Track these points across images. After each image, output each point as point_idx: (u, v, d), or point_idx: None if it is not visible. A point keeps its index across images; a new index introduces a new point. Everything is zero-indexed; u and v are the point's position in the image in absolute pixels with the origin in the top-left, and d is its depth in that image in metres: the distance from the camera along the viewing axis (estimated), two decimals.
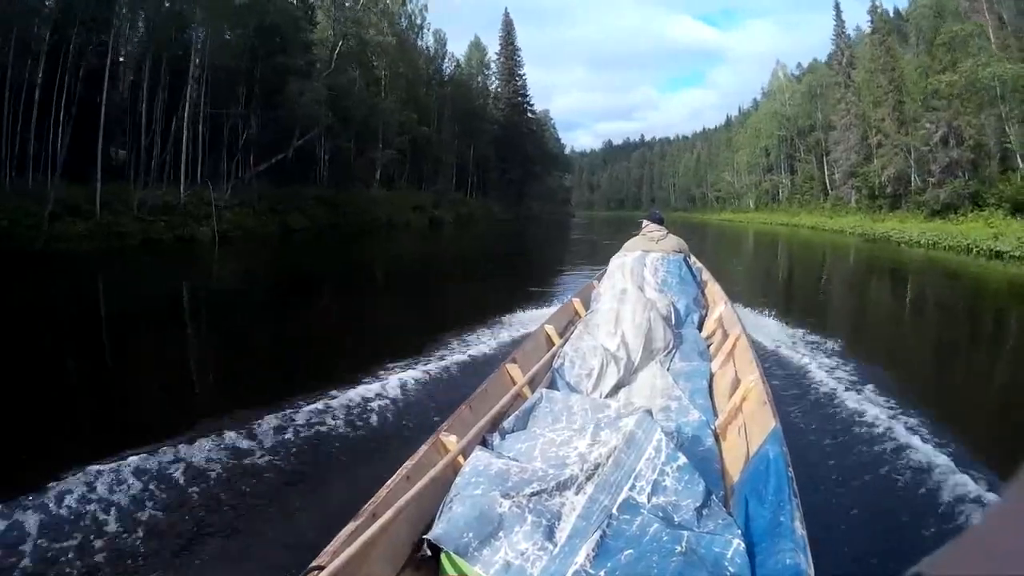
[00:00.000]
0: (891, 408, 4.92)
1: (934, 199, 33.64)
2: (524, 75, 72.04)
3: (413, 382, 5.45)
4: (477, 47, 68.42)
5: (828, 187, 56.30)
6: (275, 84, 34.03)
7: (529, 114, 74.50)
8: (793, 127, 63.05)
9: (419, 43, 56.68)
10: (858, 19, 59.75)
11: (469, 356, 6.38)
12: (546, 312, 6.89)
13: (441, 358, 6.30)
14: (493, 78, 70.71)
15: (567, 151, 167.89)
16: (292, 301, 12.05)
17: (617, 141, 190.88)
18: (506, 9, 71.07)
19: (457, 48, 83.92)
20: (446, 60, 60.41)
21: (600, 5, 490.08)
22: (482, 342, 7.04)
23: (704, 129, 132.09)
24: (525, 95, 72.61)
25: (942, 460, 3.85)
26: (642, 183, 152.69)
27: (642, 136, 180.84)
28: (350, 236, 32.01)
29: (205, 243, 25.82)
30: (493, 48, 70.91)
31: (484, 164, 63.80)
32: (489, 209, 60.50)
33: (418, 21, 54.69)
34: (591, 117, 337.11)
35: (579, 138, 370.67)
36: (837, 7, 53.11)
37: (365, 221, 38.87)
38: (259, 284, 15.04)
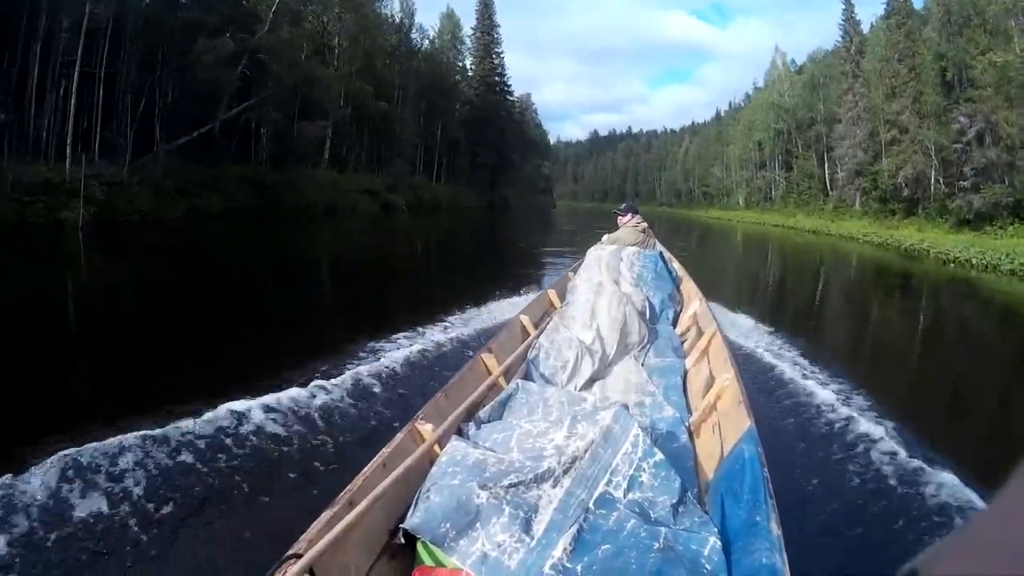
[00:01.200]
0: (871, 413, 4.88)
1: (965, 206, 28.62)
2: (502, 53, 66.14)
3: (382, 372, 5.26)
4: (450, 18, 61.98)
5: (828, 187, 51.27)
6: (187, 44, 28.25)
7: (507, 96, 68.70)
8: (791, 119, 57.43)
9: (383, 11, 50.90)
10: (862, 13, 54.96)
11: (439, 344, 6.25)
12: (520, 302, 7.05)
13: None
14: (467, 55, 64.69)
15: (554, 141, 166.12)
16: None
17: (604, 132, 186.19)
18: None
19: (430, 22, 77.23)
20: (414, 31, 54.23)
21: None
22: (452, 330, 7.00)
23: (693, 123, 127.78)
24: (503, 75, 66.71)
25: (920, 464, 3.82)
26: (627, 176, 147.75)
27: (629, 128, 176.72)
28: (276, 223, 27.68)
29: (85, 228, 20.86)
30: (470, 23, 65.11)
31: (454, 147, 57.90)
32: (457, 196, 54.66)
33: None
34: (579, 108, 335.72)
35: (567, 129, 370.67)
36: None
37: (301, 206, 33.48)
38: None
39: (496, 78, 65.62)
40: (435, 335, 6.73)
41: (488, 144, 61.00)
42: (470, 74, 64.13)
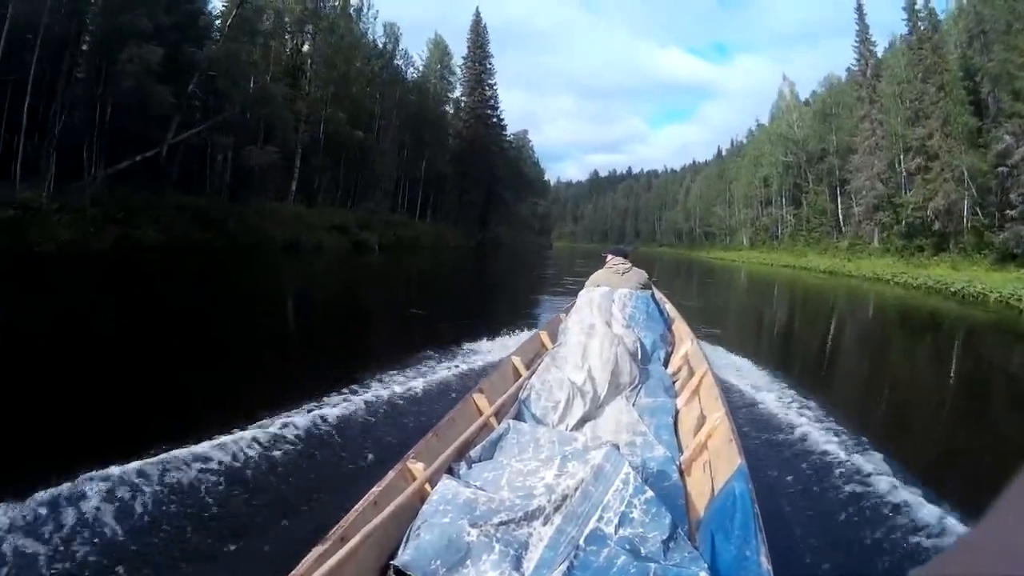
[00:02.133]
0: (860, 449, 4.77)
1: (1013, 239, 24.71)
2: (495, 85, 62.74)
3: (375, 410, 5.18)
4: (437, 46, 58.62)
5: (842, 223, 47.50)
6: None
7: (499, 130, 65.38)
8: (801, 152, 53.73)
9: (366, 35, 47.70)
10: (876, 36, 50.77)
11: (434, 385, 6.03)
12: (512, 343, 6.94)
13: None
14: (457, 85, 61.32)
15: (554, 182, 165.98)
16: None
17: (604, 173, 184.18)
18: (477, 8, 61.45)
19: (418, 49, 73.89)
20: (398, 58, 50.86)
21: (591, 34, 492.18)
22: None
23: (694, 162, 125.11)
24: (496, 108, 63.27)
25: (910, 498, 3.75)
26: (627, 216, 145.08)
27: (629, 168, 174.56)
28: (222, 258, 24.04)
29: None
30: (461, 52, 61.69)
31: (440, 182, 54.26)
32: (441, 234, 50.79)
33: (354, 1, 45.20)
34: (580, 148, 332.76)
35: (567, 169, 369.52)
36: (859, 8, 44.57)
37: (255, 241, 29.59)
38: None
39: (488, 111, 62.31)
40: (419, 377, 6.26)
41: (478, 180, 56.98)
42: (461, 105, 60.82)
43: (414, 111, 50.05)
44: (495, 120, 63.74)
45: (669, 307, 7.22)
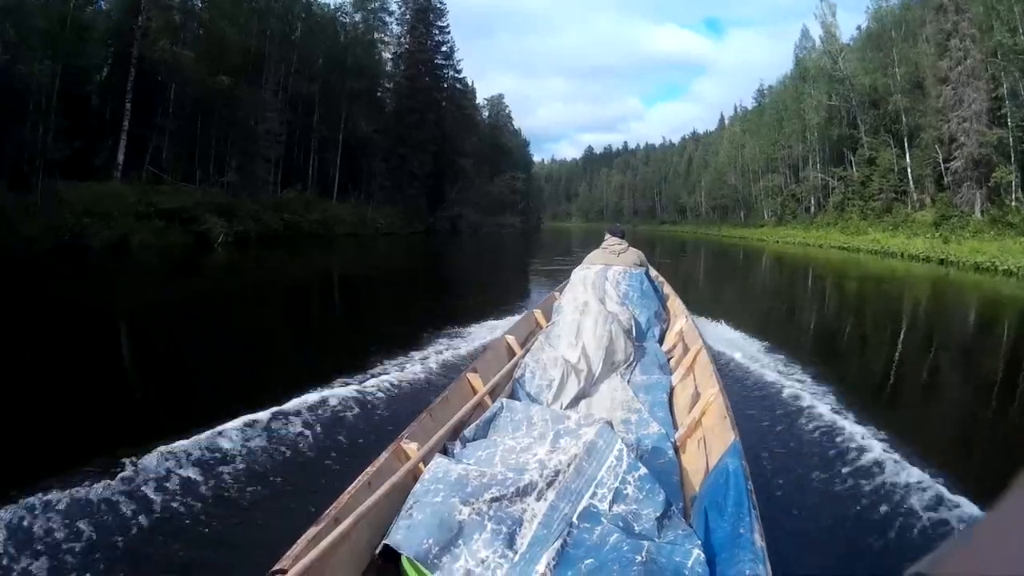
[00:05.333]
0: (857, 425, 4.52)
1: None
2: (447, 28, 49.44)
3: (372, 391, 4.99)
4: None
5: (912, 187, 34.31)
6: None
7: (455, 84, 52.15)
8: (851, 93, 39.62)
9: None
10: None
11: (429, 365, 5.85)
12: (507, 323, 6.83)
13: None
14: (394, 26, 47.59)
15: (548, 160, 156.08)
16: None
17: (599, 150, 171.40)
18: None
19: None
20: None
21: (582, 13, 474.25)
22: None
23: (694, 132, 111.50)
24: (449, 56, 50.10)
25: (905, 474, 3.66)
26: (624, 192, 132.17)
27: (625, 143, 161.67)
28: None
29: None
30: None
31: (371, 149, 41.17)
32: (366, 217, 37.92)
33: None
34: (574, 128, 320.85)
35: (562, 149, 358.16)
36: None
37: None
38: None
39: (440, 59, 49.10)
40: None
41: (422, 145, 43.58)
42: (394, 56, 47.25)
43: (326, 52, 36.98)
44: (449, 73, 50.61)
45: (664, 284, 7.09)
